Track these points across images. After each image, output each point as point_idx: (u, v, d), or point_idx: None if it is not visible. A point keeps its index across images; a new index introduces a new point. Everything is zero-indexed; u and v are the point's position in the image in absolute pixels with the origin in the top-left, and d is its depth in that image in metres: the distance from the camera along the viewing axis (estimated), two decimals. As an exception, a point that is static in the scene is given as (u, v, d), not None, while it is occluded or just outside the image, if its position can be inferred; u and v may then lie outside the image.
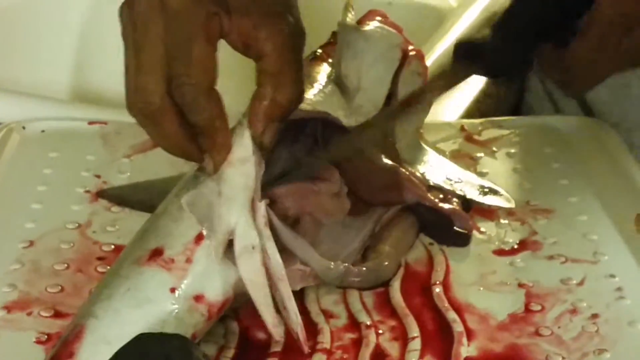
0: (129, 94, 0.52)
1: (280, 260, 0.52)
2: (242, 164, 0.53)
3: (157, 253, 0.51)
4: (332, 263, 0.56)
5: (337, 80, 0.64)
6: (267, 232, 0.52)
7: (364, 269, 0.58)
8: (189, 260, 0.50)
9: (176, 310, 0.49)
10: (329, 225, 0.59)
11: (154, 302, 0.49)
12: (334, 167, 0.60)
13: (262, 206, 0.53)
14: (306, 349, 0.53)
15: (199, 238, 0.51)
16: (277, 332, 0.52)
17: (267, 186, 0.55)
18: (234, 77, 0.68)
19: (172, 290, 0.50)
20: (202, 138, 0.52)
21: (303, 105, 0.56)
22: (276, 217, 0.54)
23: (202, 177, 0.53)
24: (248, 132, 0.53)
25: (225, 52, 0.53)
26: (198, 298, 0.50)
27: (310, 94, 0.61)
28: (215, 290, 0.51)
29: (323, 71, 0.65)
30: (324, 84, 0.63)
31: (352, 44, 0.65)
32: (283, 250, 0.54)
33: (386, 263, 0.59)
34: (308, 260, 0.55)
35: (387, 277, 0.59)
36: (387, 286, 0.59)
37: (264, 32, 0.52)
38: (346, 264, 0.57)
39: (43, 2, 1.04)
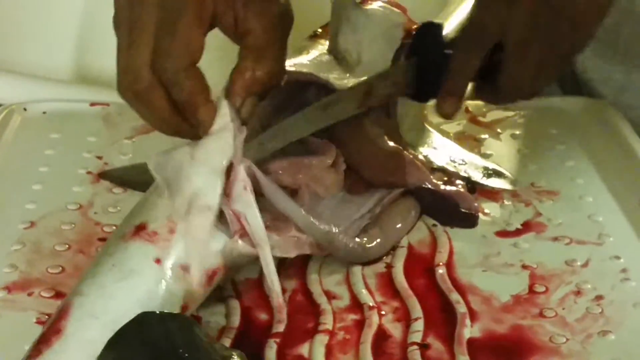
0: (120, 75, 0.53)
1: (261, 225, 0.52)
2: (218, 132, 0.53)
3: (141, 228, 0.51)
4: (317, 220, 0.55)
5: (333, 52, 0.64)
6: (246, 198, 0.52)
7: (346, 241, 0.57)
8: (172, 231, 0.50)
9: (163, 281, 0.49)
10: (328, 199, 0.58)
11: (138, 274, 0.49)
12: (330, 142, 0.60)
13: (241, 170, 0.52)
14: (284, 315, 0.53)
15: (183, 209, 0.51)
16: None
17: (264, 161, 0.55)
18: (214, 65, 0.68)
19: (157, 261, 0.49)
20: (186, 114, 0.52)
21: (291, 69, 0.58)
22: (263, 175, 0.53)
23: None
24: (225, 102, 0.53)
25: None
26: (184, 267, 0.50)
27: (303, 60, 0.62)
28: (202, 260, 0.51)
29: (320, 45, 0.65)
30: (318, 54, 0.63)
31: (352, 19, 0.64)
32: (277, 218, 0.54)
33: (371, 244, 0.58)
34: (292, 215, 0.54)
35: (371, 258, 0.58)
36: (390, 267, 0.58)
37: (252, 10, 0.53)
38: (331, 227, 0.56)
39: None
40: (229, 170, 0.52)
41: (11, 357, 0.50)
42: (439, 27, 0.60)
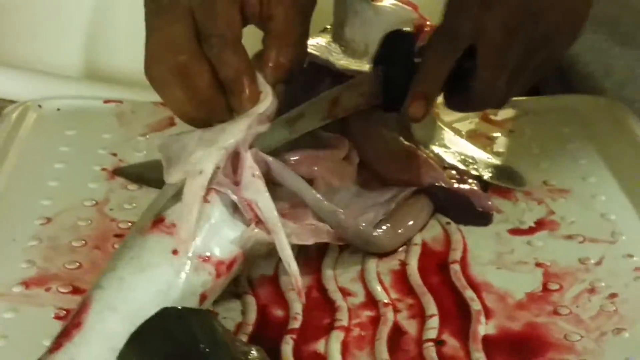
0: (153, 52, 0.52)
1: (273, 211, 0.51)
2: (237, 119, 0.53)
3: (158, 221, 0.51)
4: (326, 202, 0.55)
5: (338, 41, 0.65)
6: (256, 184, 0.52)
7: (352, 222, 0.57)
8: None
9: (181, 272, 0.49)
10: (342, 193, 0.58)
11: (156, 266, 0.49)
12: (342, 136, 0.60)
13: (248, 157, 0.52)
14: (302, 300, 0.53)
15: (198, 199, 0.51)
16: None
17: (278, 154, 0.55)
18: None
19: (175, 252, 0.50)
20: (229, 94, 0.52)
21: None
22: (270, 157, 0.53)
23: None
24: (268, 86, 0.54)
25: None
26: (203, 258, 0.50)
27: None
28: (221, 249, 0.51)
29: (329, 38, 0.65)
30: (323, 41, 0.64)
31: (360, 13, 0.65)
32: (294, 206, 0.54)
33: (376, 234, 0.58)
34: (302, 192, 0.55)
35: (380, 246, 0.59)
36: (404, 264, 0.59)
37: None
38: (339, 210, 0.56)
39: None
40: (237, 158, 0.52)
41: (29, 352, 0.50)
42: (408, 35, 0.60)
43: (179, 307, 0.45)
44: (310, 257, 0.58)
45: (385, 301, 0.55)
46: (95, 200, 0.64)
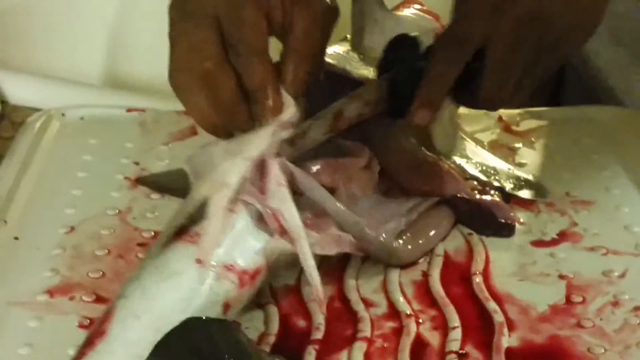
0: (179, 58, 0.52)
1: (297, 220, 0.52)
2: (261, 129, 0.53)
3: (183, 231, 0.51)
4: (349, 213, 0.55)
5: (357, 49, 0.65)
6: (281, 193, 0.52)
7: (374, 235, 0.57)
8: None
9: (205, 281, 0.49)
10: (364, 201, 0.58)
11: (180, 274, 0.49)
12: (362, 145, 0.60)
13: (274, 166, 0.52)
14: (323, 310, 0.53)
15: (223, 208, 0.51)
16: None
17: (300, 162, 0.55)
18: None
19: (198, 261, 0.50)
20: (253, 103, 0.53)
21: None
22: (296, 167, 0.54)
23: None
24: (290, 97, 0.54)
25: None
26: (227, 267, 0.50)
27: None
28: (245, 258, 0.51)
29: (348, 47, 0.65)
30: (341, 50, 0.64)
31: (380, 22, 0.65)
32: (318, 216, 0.54)
33: (401, 243, 0.58)
34: (325, 203, 0.55)
35: (402, 259, 0.59)
36: (427, 275, 0.59)
37: (298, 8, 0.53)
38: (363, 220, 0.56)
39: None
40: (263, 167, 0.53)
41: (54, 360, 0.51)
42: (413, 39, 0.59)
43: (204, 317, 0.45)
44: (333, 267, 0.58)
45: (408, 312, 0.55)
46: (118, 209, 0.64)
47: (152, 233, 0.62)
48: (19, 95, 0.81)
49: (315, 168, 0.57)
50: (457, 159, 0.67)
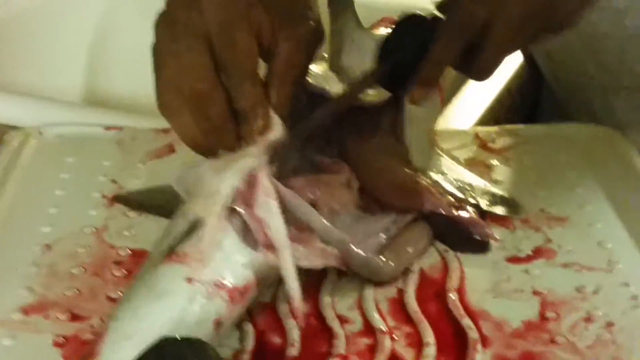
0: (168, 78, 0.53)
1: (282, 230, 0.52)
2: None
3: (172, 251, 0.51)
4: (335, 230, 0.56)
5: (334, 68, 0.65)
6: (268, 204, 0.53)
7: (360, 252, 0.57)
8: (202, 251, 0.51)
9: (195, 300, 0.50)
10: (344, 218, 0.59)
11: (170, 294, 0.50)
12: (341, 161, 0.61)
13: (263, 178, 0.53)
14: (300, 321, 0.53)
15: (210, 227, 0.52)
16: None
17: (281, 180, 0.56)
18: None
19: (189, 280, 0.50)
20: (243, 123, 0.53)
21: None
22: (281, 185, 0.55)
23: None
24: (277, 118, 0.55)
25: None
26: (217, 284, 0.51)
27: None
28: (234, 275, 0.52)
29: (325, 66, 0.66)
30: (320, 71, 0.65)
31: (357, 41, 0.65)
32: (302, 230, 0.55)
33: (382, 265, 0.59)
34: (311, 220, 0.55)
35: (385, 278, 0.59)
36: (402, 292, 0.59)
37: (284, 33, 0.54)
38: (345, 236, 0.57)
39: (57, 6, 1.05)
40: (252, 181, 0.53)
41: (28, 379, 0.51)
42: (420, 20, 0.59)
43: (177, 337, 0.46)
44: (308, 284, 0.58)
45: (383, 329, 0.56)
46: (95, 227, 0.64)
47: (129, 251, 0.62)
48: (-4, 113, 0.81)
49: (296, 184, 0.57)
50: (434, 175, 0.67)
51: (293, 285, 0.52)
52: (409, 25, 0.60)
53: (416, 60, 0.58)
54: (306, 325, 0.56)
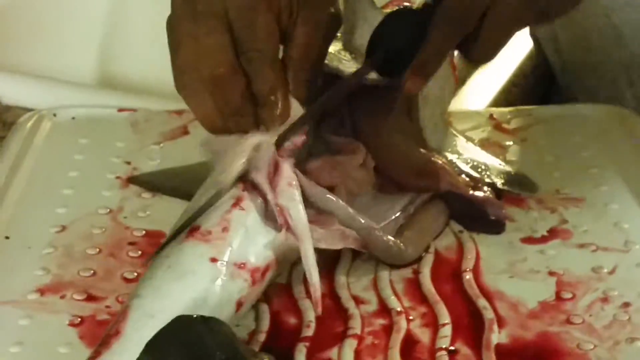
0: (186, 60, 0.52)
1: (303, 220, 0.52)
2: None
3: (195, 229, 0.51)
4: (358, 215, 0.56)
5: (348, 47, 0.65)
6: (290, 193, 0.53)
7: (385, 238, 0.57)
8: (225, 230, 0.51)
9: (218, 279, 0.50)
10: (361, 198, 0.59)
11: (194, 273, 0.50)
12: (355, 140, 0.61)
13: (287, 167, 0.53)
14: (319, 311, 0.53)
15: (234, 206, 0.52)
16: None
17: (297, 163, 0.56)
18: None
19: (213, 260, 0.50)
20: (262, 108, 0.53)
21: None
22: (304, 176, 0.55)
23: None
24: (297, 103, 0.55)
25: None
26: (239, 265, 0.51)
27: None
28: (256, 255, 0.52)
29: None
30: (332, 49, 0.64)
31: (370, 20, 0.65)
32: (321, 213, 0.55)
33: (407, 246, 0.59)
34: (334, 209, 0.55)
35: (406, 261, 0.59)
36: (417, 272, 0.59)
37: (302, 16, 0.53)
38: (370, 222, 0.57)
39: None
40: (276, 167, 0.54)
41: (44, 359, 0.51)
42: (410, 13, 0.58)
43: (193, 316, 0.46)
44: (323, 264, 0.58)
45: (398, 309, 0.55)
46: (110, 208, 0.64)
47: (143, 232, 0.62)
48: (10, 95, 0.82)
49: (313, 166, 0.57)
50: (449, 155, 0.67)
51: (314, 276, 0.52)
52: (398, 15, 0.59)
53: (410, 46, 0.56)
54: (322, 306, 0.56)
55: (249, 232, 0.52)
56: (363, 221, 0.56)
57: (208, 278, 0.50)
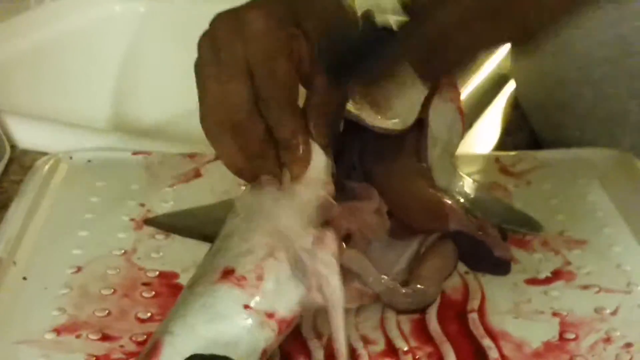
0: (210, 104, 0.54)
1: (339, 291, 0.53)
2: (310, 183, 0.55)
3: (229, 272, 0.52)
4: (385, 277, 0.57)
5: None
6: (331, 265, 0.53)
7: (411, 290, 0.59)
8: (259, 278, 0.52)
9: (249, 326, 0.50)
10: (375, 245, 0.60)
11: (228, 318, 0.50)
12: (370, 185, 0.62)
13: (330, 236, 0.54)
14: None
15: (269, 255, 0.53)
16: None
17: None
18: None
19: (246, 306, 0.51)
20: (284, 151, 0.55)
21: None
22: (344, 245, 0.55)
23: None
24: (318, 147, 0.56)
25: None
26: (269, 314, 0.51)
27: None
28: (285, 307, 0.52)
29: None
30: None
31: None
32: (342, 270, 0.55)
33: (429, 287, 0.60)
34: (364, 272, 0.57)
35: (430, 302, 0.60)
36: (423, 313, 0.60)
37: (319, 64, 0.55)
38: (396, 284, 0.58)
39: (86, 34, 1.07)
40: (322, 236, 0.54)
41: (60, 397, 0.52)
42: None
43: (206, 355, 0.47)
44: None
45: (405, 349, 0.57)
46: (124, 250, 0.66)
47: (157, 272, 0.63)
48: (27, 139, 0.83)
49: (337, 210, 0.58)
50: (456, 195, 0.68)
51: (342, 349, 0.53)
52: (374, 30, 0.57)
53: (353, 56, 0.55)
54: (330, 347, 0.57)
55: (280, 284, 0.52)
56: (389, 283, 0.58)
57: (240, 325, 0.50)
